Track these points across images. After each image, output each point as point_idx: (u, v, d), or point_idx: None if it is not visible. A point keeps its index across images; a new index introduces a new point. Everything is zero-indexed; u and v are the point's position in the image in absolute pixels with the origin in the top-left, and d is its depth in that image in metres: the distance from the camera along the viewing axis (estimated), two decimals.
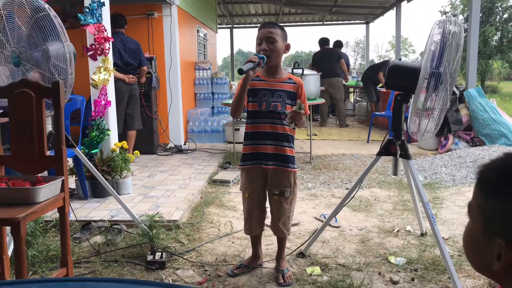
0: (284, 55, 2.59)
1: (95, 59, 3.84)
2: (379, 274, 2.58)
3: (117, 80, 4.79)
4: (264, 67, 2.39)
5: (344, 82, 9.10)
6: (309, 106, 5.91)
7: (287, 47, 2.47)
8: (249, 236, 2.68)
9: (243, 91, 2.31)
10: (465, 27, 2.44)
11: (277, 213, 2.52)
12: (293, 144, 2.52)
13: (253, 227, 2.55)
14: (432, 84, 2.41)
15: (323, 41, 8.96)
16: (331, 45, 9.38)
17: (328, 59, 8.63)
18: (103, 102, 3.87)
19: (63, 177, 2.06)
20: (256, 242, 2.65)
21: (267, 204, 2.58)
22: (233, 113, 2.42)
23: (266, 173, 2.48)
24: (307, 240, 2.90)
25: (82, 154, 3.04)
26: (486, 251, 0.74)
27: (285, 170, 2.47)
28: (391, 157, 2.73)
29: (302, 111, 2.28)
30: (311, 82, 5.56)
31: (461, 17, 22.37)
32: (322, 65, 8.40)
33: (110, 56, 3.94)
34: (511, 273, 0.72)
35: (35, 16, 2.43)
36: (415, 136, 2.66)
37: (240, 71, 2.22)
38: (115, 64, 4.70)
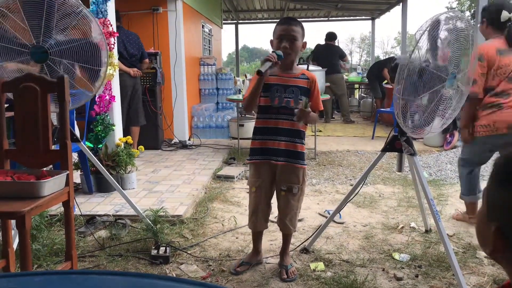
0: None
1: None
2: (383, 270, 2.57)
3: (121, 74, 4.79)
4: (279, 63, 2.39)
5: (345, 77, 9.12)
6: None
7: (304, 45, 2.46)
8: (251, 231, 2.68)
9: (259, 87, 2.30)
10: (472, 23, 2.41)
11: (284, 209, 2.51)
12: (304, 140, 2.51)
13: (259, 222, 2.55)
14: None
15: (330, 36, 8.91)
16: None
17: (329, 55, 8.60)
18: (107, 97, 3.88)
19: (68, 171, 2.07)
20: (257, 238, 2.65)
21: (273, 200, 2.58)
22: (247, 108, 2.43)
23: (275, 169, 2.48)
24: (311, 236, 2.90)
25: (87, 148, 3.05)
26: (485, 234, 0.78)
27: (295, 166, 2.46)
28: (396, 153, 2.72)
29: (308, 109, 2.27)
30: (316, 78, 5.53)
31: (467, 13, 22.19)
32: (323, 60, 8.35)
33: (115, 51, 3.94)
34: (500, 258, 0.76)
35: (75, 11, 2.50)
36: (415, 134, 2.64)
37: (260, 73, 2.20)
38: (120, 56, 4.70)
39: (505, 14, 2.99)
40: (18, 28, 2.52)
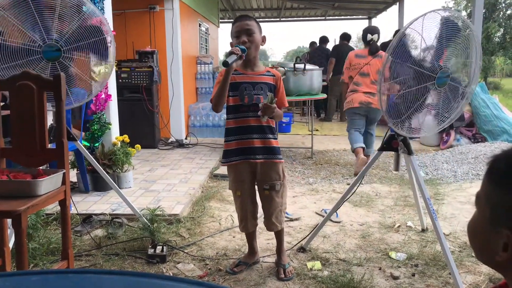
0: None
1: None
2: (380, 269, 2.58)
3: None
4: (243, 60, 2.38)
5: None
6: (312, 101, 5.94)
7: (264, 39, 2.46)
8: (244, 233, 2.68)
9: (226, 84, 2.28)
10: (469, 22, 2.47)
11: (269, 208, 2.51)
12: (276, 135, 2.52)
13: (249, 223, 2.55)
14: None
15: (346, 37, 8.93)
16: (317, 41, 9.62)
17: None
18: (103, 96, 3.86)
19: (64, 170, 2.06)
20: (251, 238, 2.65)
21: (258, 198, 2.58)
22: (216, 107, 2.35)
23: (255, 168, 2.47)
24: (308, 235, 2.90)
25: (83, 147, 3.04)
26: (491, 241, 0.74)
27: (274, 162, 2.46)
28: (393, 152, 2.72)
29: (273, 105, 2.28)
30: (314, 77, 5.54)
31: (464, 13, 22.25)
32: (342, 60, 8.45)
33: (112, 49, 3.92)
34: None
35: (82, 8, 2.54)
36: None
37: (226, 64, 2.18)
38: None
39: (368, 36, 4.85)
40: (28, 27, 2.54)
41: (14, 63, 2.52)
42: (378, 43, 4.91)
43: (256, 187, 2.55)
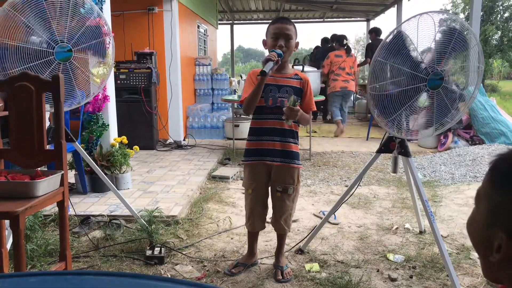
0: None
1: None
2: (378, 271, 2.58)
3: None
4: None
5: None
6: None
7: (296, 45, 2.47)
8: (247, 231, 2.68)
9: (260, 90, 2.30)
10: (467, 25, 2.48)
11: (279, 210, 2.52)
12: (298, 140, 2.51)
13: (256, 223, 2.55)
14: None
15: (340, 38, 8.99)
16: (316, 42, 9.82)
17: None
18: (100, 96, 3.84)
19: (63, 171, 2.06)
20: (253, 239, 2.65)
21: (269, 200, 2.58)
22: (247, 110, 2.41)
23: (270, 170, 2.48)
24: (306, 237, 2.90)
25: (81, 148, 3.04)
26: (486, 240, 0.74)
27: (290, 166, 2.46)
28: (391, 154, 2.73)
29: (296, 107, 2.26)
30: (311, 78, 5.54)
31: (462, 15, 22.31)
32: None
33: (110, 50, 3.91)
34: (508, 266, 0.71)
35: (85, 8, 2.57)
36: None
37: (264, 73, 2.19)
38: None
39: (344, 41, 7.31)
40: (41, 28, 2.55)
41: (29, 65, 2.53)
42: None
43: (269, 188, 2.54)
